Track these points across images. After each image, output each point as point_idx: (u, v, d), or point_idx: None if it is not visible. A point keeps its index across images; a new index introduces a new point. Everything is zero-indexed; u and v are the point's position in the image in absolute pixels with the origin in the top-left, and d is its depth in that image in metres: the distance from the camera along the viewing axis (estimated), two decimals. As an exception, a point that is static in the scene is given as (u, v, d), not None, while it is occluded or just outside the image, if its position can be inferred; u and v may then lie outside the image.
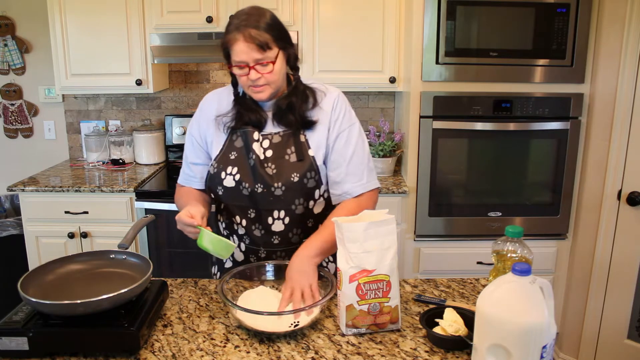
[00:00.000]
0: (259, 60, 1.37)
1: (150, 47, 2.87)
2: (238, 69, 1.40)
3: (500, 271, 1.25)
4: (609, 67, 2.45)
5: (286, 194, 1.46)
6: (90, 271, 1.34)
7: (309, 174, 1.47)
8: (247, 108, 1.50)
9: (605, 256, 2.57)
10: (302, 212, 1.50)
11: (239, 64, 1.38)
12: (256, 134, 1.49)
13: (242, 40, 1.36)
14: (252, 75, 1.39)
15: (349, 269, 1.21)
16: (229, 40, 1.38)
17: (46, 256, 2.74)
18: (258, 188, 1.46)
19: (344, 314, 1.23)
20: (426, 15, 2.48)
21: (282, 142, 1.48)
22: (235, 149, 1.50)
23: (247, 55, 1.36)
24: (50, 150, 3.38)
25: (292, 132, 1.49)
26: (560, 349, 2.83)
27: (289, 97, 1.48)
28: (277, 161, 1.47)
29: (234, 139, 1.51)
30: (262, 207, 1.48)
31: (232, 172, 1.48)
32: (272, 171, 1.46)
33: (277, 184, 1.45)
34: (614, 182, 2.50)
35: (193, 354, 1.17)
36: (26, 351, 1.13)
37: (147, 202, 2.69)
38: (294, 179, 1.45)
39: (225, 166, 1.49)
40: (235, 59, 1.38)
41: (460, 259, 2.71)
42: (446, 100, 2.56)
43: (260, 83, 1.40)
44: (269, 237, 1.52)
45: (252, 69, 1.38)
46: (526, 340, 0.96)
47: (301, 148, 1.48)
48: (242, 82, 1.44)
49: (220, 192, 1.50)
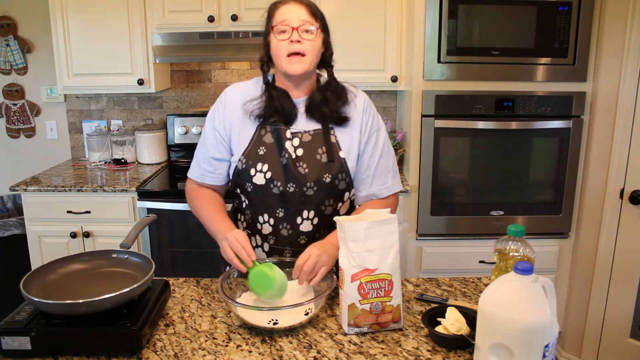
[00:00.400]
0: (304, 21, 1.38)
1: (152, 47, 2.87)
2: (280, 33, 1.39)
3: (502, 270, 1.25)
4: (611, 65, 2.44)
5: (317, 194, 1.46)
6: (93, 271, 1.34)
7: (340, 175, 1.47)
8: (278, 95, 1.47)
9: (608, 255, 2.57)
10: (331, 213, 1.50)
11: (283, 23, 1.38)
12: (288, 132, 1.46)
13: (292, 2, 1.40)
14: (294, 36, 1.38)
15: (351, 268, 1.21)
16: (278, 3, 1.41)
17: (48, 256, 2.75)
18: (290, 187, 1.44)
19: (346, 313, 1.23)
20: (428, 14, 2.48)
21: (312, 142, 1.47)
22: (265, 145, 1.47)
23: (294, 14, 1.38)
24: (52, 150, 3.39)
25: (322, 132, 1.47)
26: (563, 348, 2.83)
27: (323, 90, 1.48)
28: (309, 161, 1.45)
29: (263, 133, 1.48)
30: (292, 206, 1.46)
31: (262, 170, 1.45)
32: (304, 170, 1.45)
33: (309, 184, 1.44)
34: (616, 181, 2.49)
35: (195, 353, 1.17)
36: (29, 351, 1.13)
37: (149, 202, 2.69)
38: (325, 179, 1.45)
39: (254, 162, 1.46)
40: (279, 19, 1.39)
41: (462, 258, 2.71)
42: (448, 99, 2.56)
43: (299, 49, 1.38)
44: (296, 237, 1.50)
45: (295, 30, 1.38)
46: (528, 339, 0.96)
47: (332, 149, 1.47)
48: (279, 49, 1.40)
49: (249, 189, 1.48)
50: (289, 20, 1.38)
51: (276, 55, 1.43)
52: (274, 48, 1.42)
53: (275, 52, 1.42)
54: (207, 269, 2.74)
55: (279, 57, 1.42)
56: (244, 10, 2.79)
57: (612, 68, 2.44)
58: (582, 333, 2.72)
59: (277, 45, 1.41)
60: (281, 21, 1.39)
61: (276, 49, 1.42)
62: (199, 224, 2.84)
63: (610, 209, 2.53)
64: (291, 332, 1.25)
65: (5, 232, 2.85)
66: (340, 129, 1.49)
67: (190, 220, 2.73)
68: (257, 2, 2.79)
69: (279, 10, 1.40)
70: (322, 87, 1.49)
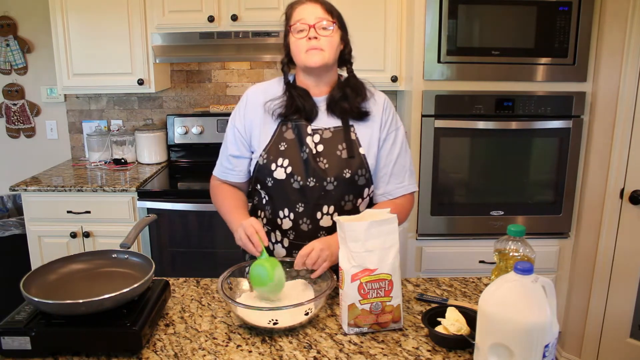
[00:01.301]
0: (320, 18, 1.43)
1: (152, 47, 2.87)
2: (297, 32, 1.43)
3: (502, 270, 1.25)
4: (611, 65, 2.44)
5: (337, 189, 1.48)
6: (93, 271, 1.34)
7: (360, 171, 1.50)
8: (299, 94, 1.51)
9: (608, 255, 2.57)
10: (351, 208, 1.52)
11: (300, 22, 1.43)
12: (309, 127, 1.50)
13: (307, 2, 1.45)
14: (311, 32, 1.42)
15: (351, 268, 1.21)
16: (294, 4, 1.45)
17: (48, 256, 2.74)
18: (310, 182, 1.47)
19: (346, 313, 1.23)
20: (428, 14, 2.48)
21: (332, 138, 1.50)
22: (286, 140, 1.50)
23: (310, 12, 1.43)
24: (52, 150, 3.39)
25: (342, 129, 1.51)
26: (563, 348, 2.83)
27: (343, 87, 1.52)
28: (329, 156, 1.48)
29: (284, 130, 1.51)
30: (312, 201, 1.49)
31: (282, 164, 1.48)
32: (325, 166, 1.48)
33: (329, 179, 1.47)
34: (616, 181, 2.49)
35: (195, 353, 1.17)
36: (29, 351, 1.13)
37: (149, 202, 2.69)
38: (345, 174, 1.48)
39: (275, 157, 1.49)
40: (297, 17, 1.44)
41: (462, 258, 2.71)
42: (448, 99, 2.56)
43: (316, 45, 1.43)
44: (316, 232, 1.52)
45: (312, 28, 1.42)
46: (528, 339, 0.96)
47: (352, 145, 1.50)
48: (298, 47, 1.45)
49: (269, 184, 1.50)
50: (306, 18, 1.43)
51: (296, 54, 1.47)
52: (293, 47, 1.47)
53: (295, 51, 1.47)
54: (207, 269, 2.75)
55: (298, 54, 1.46)
56: (244, 10, 2.79)
57: (612, 68, 2.44)
58: (582, 333, 2.72)
59: (296, 43, 1.45)
60: (298, 20, 1.44)
61: (295, 47, 1.46)
62: (199, 224, 2.86)
63: (610, 209, 2.53)
64: (291, 332, 1.25)
65: (5, 232, 2.85)
66: (360, 126, 1.53)
67: (190, 220, 2.74)
68: (257, 2, 2.79)
69: (295, 11, 1.45)
70: (342, 83, 1.54)
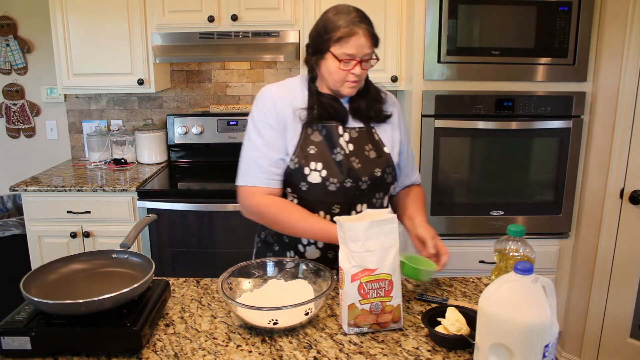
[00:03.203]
0: (367, 55, 1.43)
1: (152, 47, 2.87)
2: (343, 63, 1.42)
3: (502, 270, 1.25)
4: (611, 65, 2.44)
5: (370, 188, 1.51)
6: (93, 271, 1.34)
7: (387, 169, 1.54)
8: (331, 102, 1.51)
9: (608, 255, 2.57)
10: (380, 205, 1.57)
11: (349, 56, 1.41)
12: (340, 128, 1.51)
13: (361, 35, 1.41)
14: (356, 69, 1.43)
15: (351, 268, 1.21)
16: (346, 33, 1.40)
17: (48, 256, 2.75)
18: (347, 183, 1.48)
19: (346, 313, 1.23)
20: (428, 14, 2.48)
21: (360, 138, 1.53)
22: (314, 143, 1.49)
23: (361, 49, 1.41)
24: (52, 150, 3.39)
25: (366, 130, 1.54)
26: (563, 348, 2.83)
27: (364, 96, 1.54)
28: (360, 156, 1.51)
29: (310, 132, 1.50)
30: (347, 202, 1.50)
31: (316, 168, 1.47)
32: (357, 165, 1.49)
33: (364, 178, 1.49)
34: (616, 181, 2.49)
35: (195, 353, 1.17)
36: (29, 351, 1.13)
37: (149, 202, 2.69)
38: (377, 173, 1.51)
39: (307, 161, 1.48)
40: (346, 52, 1.41)
41: (462, 258, 2.71)
42: (448, 99, 2.56)
43: (357, 79, 1.45)
44: None
45: (358, 64, 1.42)
46: (528, 339, 0.96)
47: (377, 145, 1.54)
48: (338, 76, 1.45)
49: (303, 189, 1.50)
50: (355, 55, 1.42)
51: (333, 79, 1.47)
52: (332, 71, 1.45)
53: (334, 76, 1.46)
54: (207, 269, 2.75)
55: (336, 81, 1.47)
56: (244, 10, 2.79)
57: (612, 68, 2.44)
58: (582, 333, 2.72)
59: (338, 72, 1.44)
60: (348, 54, 1.41)
61: (336, 75, 1.45)
62: (199, 224, 2.86)
63: (610, 209, 2.53)
64: (291, 332, 1.25)
65: (5, 232, 2.85)
66: (380, 127, 1.57)
67: (190, 220, 2.74)
68: (257, 2, 2.79)
69: (346, 41, 1.40)
70: (363, 92, 1.55)
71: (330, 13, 1.46)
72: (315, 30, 1.48)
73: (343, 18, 1.41)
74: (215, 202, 2.67)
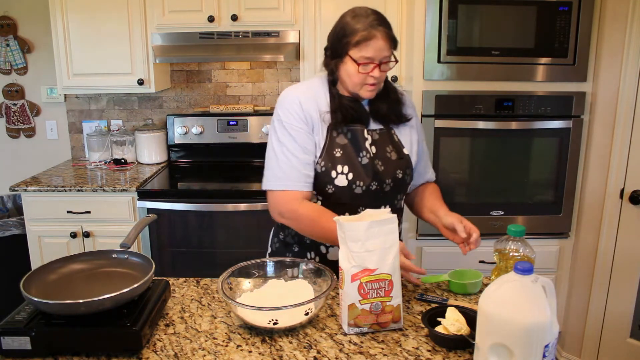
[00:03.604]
0: (386, 58, 1.43)
1: (152, 47, 2.87)
2: (362, 66, 1.42)
3: (502, 270, 1.25)
4: (611, 65, 2.44)
5: (392, 190, 1.53)
6: (93, 271, 1.34)
7: (407, 170, 1.56)
8: (353, 105, 1.51)
9: (608, 255, 2.57)
10: (401, 206, 1.60)
11: (368, 60, 1.41)
12: (365, 131, 1.51)
13: (380, 38, 1.40)
14: (375, 72, 1.43)
15: (351, 268, 1.21)
16: (365, 37, 1.40)
17: (48, 256, 2.75)
18: (373, 185, 1.49)
19: (346, 313, 1.23)
20: (428, 14, 2.48)
21: (381, 140, 1.53)
22: (339, 146, 1.49)
23: (380, 52, 1.41)
24: (52, 150, 3.39)
25: (386, 131, 1.54)
26: (563, 348, 2.83)
27: (384, 98, 1.54)
28: (382, 158, 1.52)
29: (335, 135, 1.50)
30: (372, 204, 1.50)
31: (343, 171, 1.48)
32: (381, 168, 1.50)
33: (387, 180, 1.51)
34: (616, 181, 2.49)
35: (195, 353, 1.17)
36: (29, 351, 1.13)
37: (149, 202, 2.69)
38: (398, 175, 1.53)
39: (333, 165, 1.48)
40: (365, 55, 1.41)
41: (462, 258, 2.69)
42: (448, 99, 2.56)
43: (376, 81, 1.45)
44: None
45: (376, 67, 1.42)
46: (528, 339, 0.96)
47: (398, 146, 1.55)
48: (357, 80, 1.44)
49: (330, 191, 1.50)
50: (374, 58, 1.42)
51: (352, 82, 1.46)
52: (351, 75, 1.45)
53: (353, 80, 1.46)
54: (207, 269, 2.75)
55: (355, 84, 1.47)
56: (244, 10, 2.79)
57: (612, 68, 2.44)
58: (582, 333, 2.72)
59: (357, 75, 1.44)
60: (367, 57, 1.41)
61: (355, 77, 1.45)
62: (199, 224, 2.86)
63: (610, 209, 2.53)
64: (291, 332, 1.25)
65: (5, 232, 2.85)
66: (399, 129, 1.58)
67: (190, 220, 2.74)
68: (257, 2, 2.79)
69: (366, 44, 1.40)
70: (383, 94, 1.55)
71: (348, 16, 1.45)
72: (334, 34, 1.48)
73: (361, 21, 1.41)
74: (215, 202, 2.67)
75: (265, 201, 1.55)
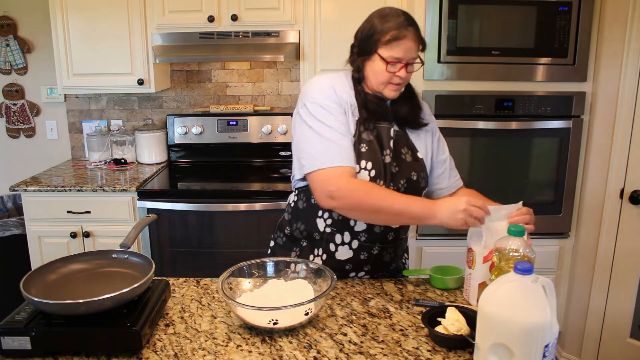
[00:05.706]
0: (413, 59, 1.43)
1: (152, 47, 2.87)
2: (390, 65, 1.42)
3: (502, 270, 1.25)
4: (611, 65, 2.44)
5: (406, 192, 1.51)
6: (93, 271, 1.34)
7: (422, 174, 1.55)
8: (378, 103, 1.51)
9: (608, 255, 2.57)
10: None
11: (397, 59, 1.41)
12: (391, 130, 1.51)
13: (410, 38, 1.41)
14: (402, 72, 1.43)
15: (483, 249, 1.34)
16: (396, 36, 1.40)
17: (48, 256, 2.74)
18: (390, 185, 1.48)
19: (476, 291, 1.37)
20: (428, 14, 2.48)
21: (397, 141, 1.53)
22: (365, 142, 1.48)
23: (409, 52, 1.42)
24: (52, 150, 3.39)
25: (402, 132, 1.54)
26: (563, 348, 2.83)
27: (405, 102, 1.54)
28: (398, 159, 1.51)
29: (362, 130, 1.49)
30: None
31: (366, 167, 1.46)
32: (395, 169, 1.50)
33: (402, 181, 1.50)
34: (616, 181, 2.49)
35: (195, 353, 1.17)
36: (29, 351, 1.13)
37: (149, 202, 2.69)
38: (413, 177, 1.52)
39: (358, 159, 1.46)
40: (394, 55, 1.41)
41: (462, 258, 2.69)
42: (448, 99, 2.56)
43: (401, 82, 1.45)
44: (386, 234, 1.54)
45: (403, 67, 1.43)
46: (528, 339, 0.96)
47: (413, 149, 1.55)
48: (382, 78, 1.44)
49: None
50: (403, 58, 1.42)
51: (378, 80, 1.46)
52: (377, 73, 1.45)
53: (378, 78, 1.46)
54: (207, 269, 2.75)
55: (380, 82, 1.46)
56: (244, 10, 2.79)
57: (612, 68, 2.44)
58: (582, 333, 2.72)
59: (383, 74, 1.44)
60: (396, 57, 1.42)
61: (381, 76, 1.45)
62: (199, 224, 2.85)
63: (610, 209, 2.53)
64: (291, 332, 1.25)
65: (6, 232, 2.85)
66: (414, 133, 1.58)
67: (190, 220, 2.74)
68: (257, 2, 2.79)
69: (396, 43, 1.41)
70: (407, 97, 1.55)
71: (376, 16, 1.46)
72: (362, 32, 1.49)
73: (392, 20, 1.42)
74: (215, 202, 2.67)
75: (265, 201, 1.55)
